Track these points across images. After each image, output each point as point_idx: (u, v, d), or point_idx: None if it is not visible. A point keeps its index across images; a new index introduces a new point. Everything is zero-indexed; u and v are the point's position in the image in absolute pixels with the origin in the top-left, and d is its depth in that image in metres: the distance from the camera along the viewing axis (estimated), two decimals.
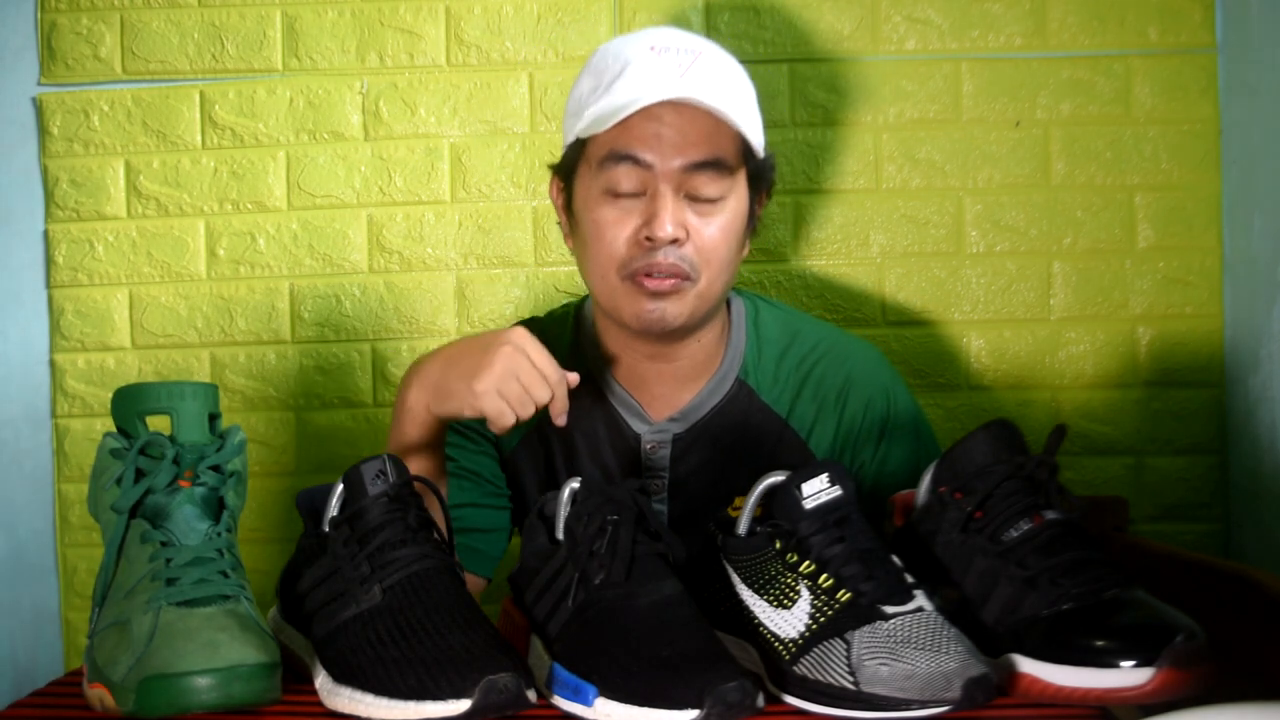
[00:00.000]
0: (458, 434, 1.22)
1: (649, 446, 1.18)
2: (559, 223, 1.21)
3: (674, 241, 1.07)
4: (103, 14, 1.60)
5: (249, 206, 1.60)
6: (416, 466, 1.09)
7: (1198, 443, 1.55)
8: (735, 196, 1.11)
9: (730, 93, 1.09)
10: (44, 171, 1.61)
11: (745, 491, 1.00)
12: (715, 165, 1.07)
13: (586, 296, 1.25)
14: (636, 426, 1.18)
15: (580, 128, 1.10)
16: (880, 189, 1.57)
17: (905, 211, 1.56)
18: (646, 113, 1.05)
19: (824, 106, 1.57)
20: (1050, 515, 0.83)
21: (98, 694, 0.79)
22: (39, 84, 1.61)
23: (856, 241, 1.57)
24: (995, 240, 1.56)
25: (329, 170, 1.59)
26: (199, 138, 1.60)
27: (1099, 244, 1.56)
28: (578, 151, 1.13)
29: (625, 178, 1.07)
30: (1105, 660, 0.73)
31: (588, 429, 1.19)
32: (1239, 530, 1.52)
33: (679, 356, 1.17)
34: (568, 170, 1.15)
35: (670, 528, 1.14)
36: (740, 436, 1.17)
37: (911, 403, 1.24)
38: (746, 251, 1.18)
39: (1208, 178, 1.55)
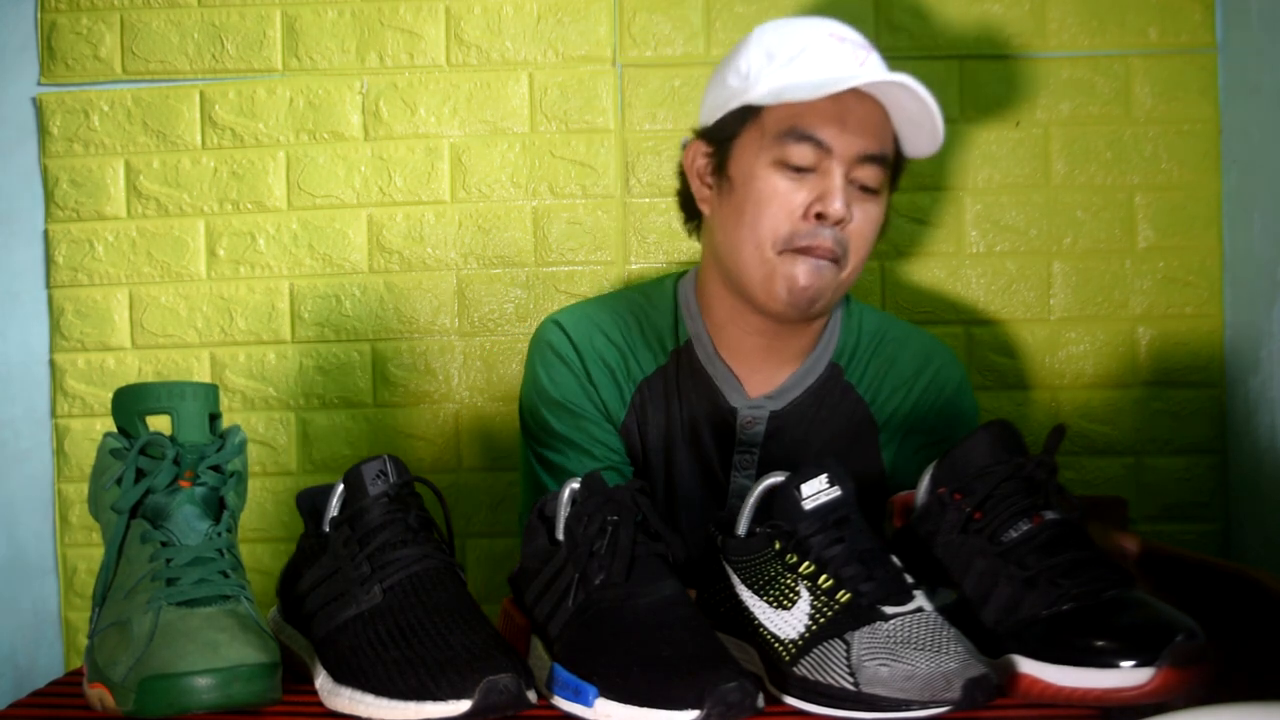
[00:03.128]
0: (575, 413, 1.20)
1: (745, 421, 1.19)
2: (683, 191, 1.22)
3: (838, 223, 1.10)
4: (103, 14, 1.60)
5: (249, 206, 1.60)
6: None
7: (1198, 443, 1.55)
8: (885, 193, 1.15)
9: (912, 91, 1.10)
10: (44, 171, 1.61)
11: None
12: (882, 160, 1.12)
13: (684, 271, 1.28)
14: (734, 400, 1.19)
15: (761, 94, 1.11)
16: None
17: (905, 212, 1.56)
18: (835, 97, 1.08)
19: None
20: (1050, 515, 0.83)
21: (98, 694, 0.79)
22: (39, 84, 1.61)
23: None
24: (995, 240, 1.56)
25: (329, 170, 1.59)
26: (199, 138, 1.60)
27: (1099, 244, 1.56)
28: (743, 119, 1.14)
29: (802, 154, 1.10)
30: (1106, 660, 0.73)
31: (687, 399, 1.21)
32: (1239, 530, 1.52)
33: (791, 337, 1.20)
34: (727, 136, 1.15)
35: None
36: (829, 417, 1.20)
37: (974, 404, 1.27)
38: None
39: (1208, 178, 1.55)
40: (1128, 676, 0.72)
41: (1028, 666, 0.77)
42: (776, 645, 0.80)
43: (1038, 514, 0.83)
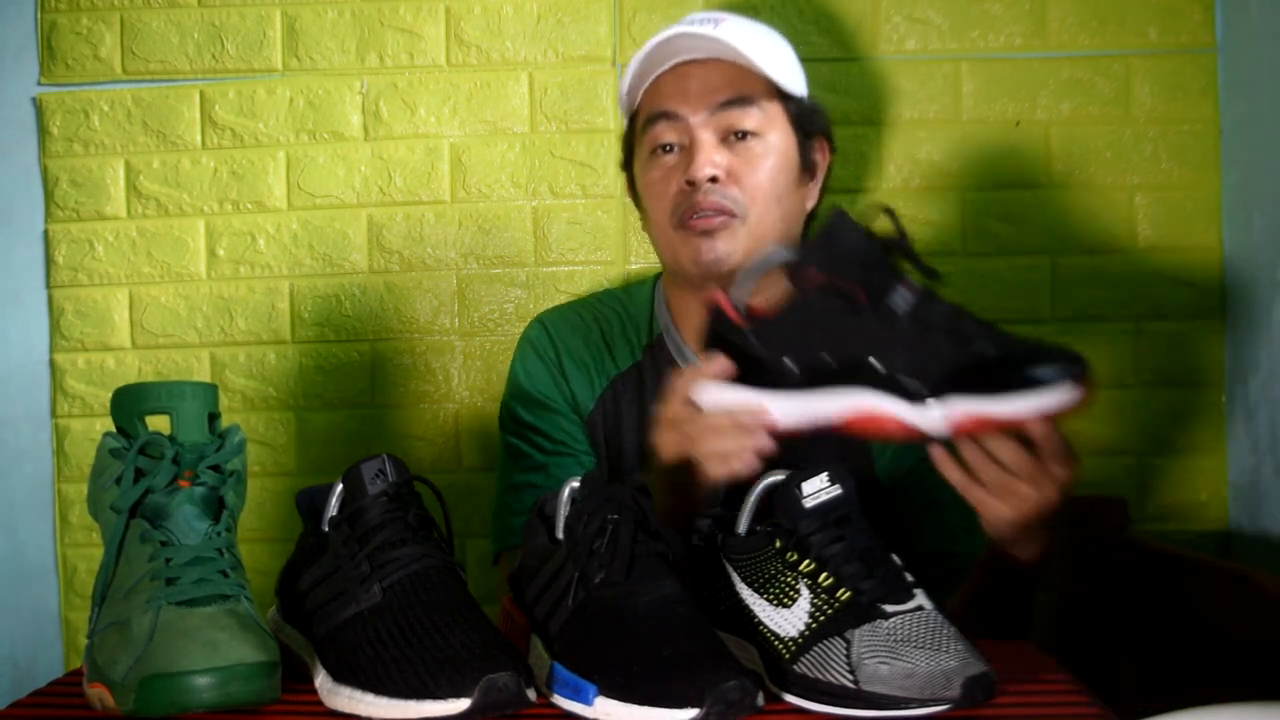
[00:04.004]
0: (544, 406, 1.25)
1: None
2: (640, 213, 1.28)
3: (714, 181, 1.13)
4: (103, 14, 1.60)
5: (249, 206, 1.60)
6: None
7: (1198, 443, 1.55)
8: (777, 134, 1.17)
9: (749, 39, 1.15)
10: (44, 171, 1.61)
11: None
12: (743, 101, 1.15)
13: (661, 273, 1.32)
14: None
15: (624, 106, 1.23)
16: (881, 189, 1.57)
17: (905, 211, 1.56)
18: (674, 71, 1.15)
19: (824, 106, 1.57)
20: (914, 285, 0.88)
21: (98, 694, 0.79)
22: (39, 84, 1.61)
23: None
24: (995, 240, 1.56)
25: (329, 170, 1.59)
26: (199, 138, 1.60)
27: (1099, 244, 1.56)
28: (631, 131, 1.23)
29: (664, 132, 1.17)
30: (1041, 383, 0.81)
31: (661, 392, 1.21)
32: (1239, 530, 1.52)
33: None
34: (629, 157, 1.25)
35: (723, 500, 1.17)
36: None
37: None
38: (815, 201, 1.24)
39: (1208, 178, 1.55)
40: (1064, 395, 0.81)
41: (972, 405, 0.81)
42: (776, 643, 0.80)
43: (906, 281, 0.89)
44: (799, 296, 0.91)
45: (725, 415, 0.94)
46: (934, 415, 0.84)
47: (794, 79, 1.20)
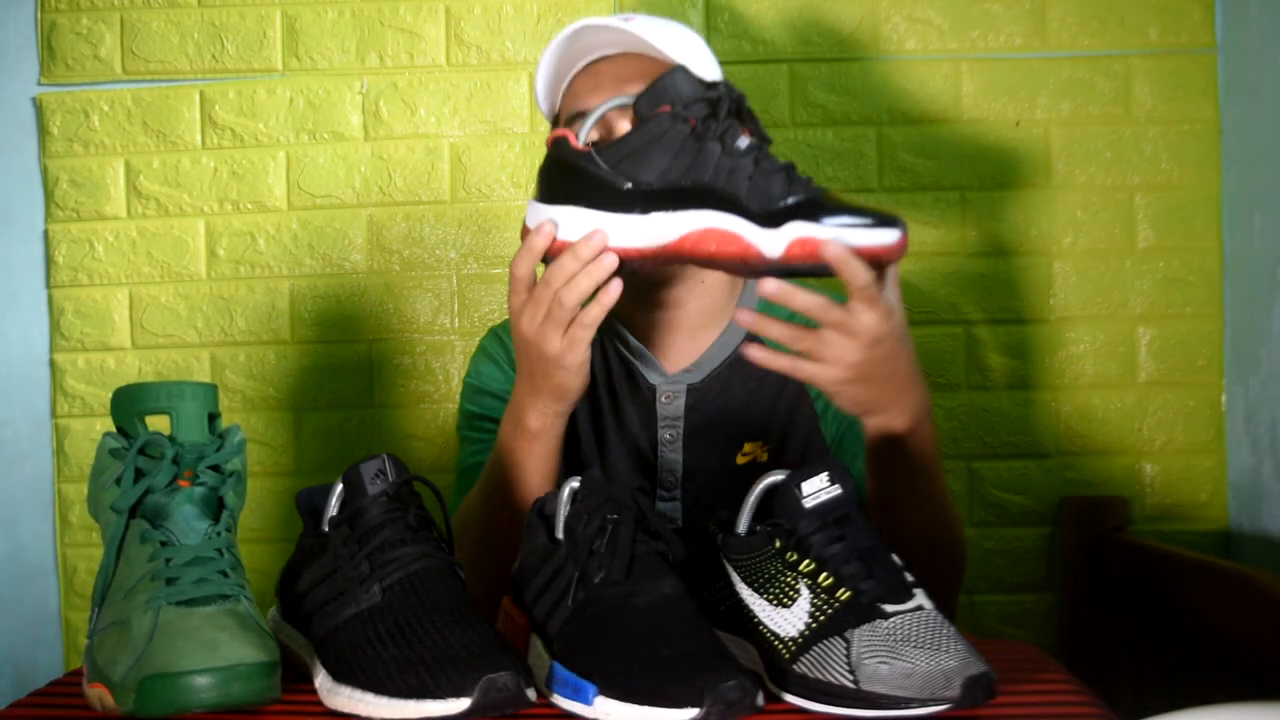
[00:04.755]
0: (492, 395, 1.25)
1: (664, 398, 1.20)
2: None
3: None
4: (103, 14, 1.60)
5: (249, 206, 1.60)
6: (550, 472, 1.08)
7: (1198, 443, 1.55)
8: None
9: (658, 32, 1.15)
10: (44, 171, 1.61)
11: (754, 439, 1.04)
12: None
13: None
14: (652, 378, 1.21)
15: (544, 109, 1.21)
16: (881, 189, 1.57)
17: (905, 211, 1.56)
18: (586, 70, 1.16)
19: (824, 106, 1.57)
20: (751, 135, 0.92)
21: (98, 694, 0.79)
22: (39, 84, 1.61)
23: None
24: (995, 240, 1.56)
25: (329, 170, 1.59)
26: (199, 138, 1.60)
27: (1099, 244, 1.56)
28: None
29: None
30: (865, 220, 0.87)
31: (608, 383, 1.23)
32: (1239, 530, 1.52)
33: (685, 302, 1.20)
34: None
35: (685, 480, 1.19)
36: (754, 385, 1.20)
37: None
38: None
39: (1208, 178, 1.55)
40: (885, 235, 0.86)
41: (807, 229, 0.87)
42: (776, 643, 0.80)
43: (743, 129, 0.92)
44: (644, 124, 0.93)
45: (569, 255, 0.93)
46: (773, 236, 0.89)
47: (707, 69, 1.19)
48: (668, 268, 1.16)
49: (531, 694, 0.75)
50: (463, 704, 0.73)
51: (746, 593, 0.83)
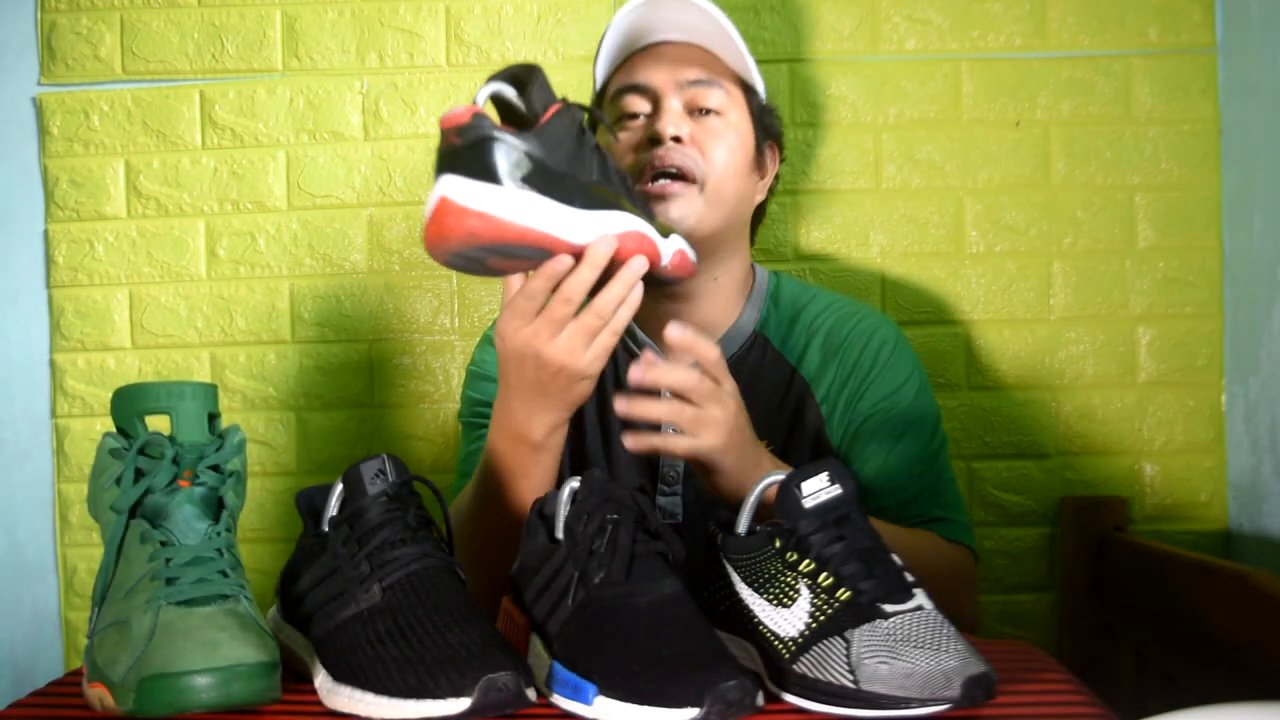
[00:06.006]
0: (490, 380, 1.25)
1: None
2: None
3: (676, 140, 1.16)
4: (103, 14, 1.60)
5: (249, 206, 1.60)
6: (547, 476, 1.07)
7: (1198, 443, 1.55)
8: (738, 115, 1.21)
9: (728, 24, 1.19)
10: (44, 171, 1.61)
11: (758, 438, 1.06)
12: (712, 82, 1.19)
13: None
14: None
15: (599, 80, 1.25)
16: (880, 189, 1.57)
17: (905, 211, 1.56)
18: (648, 47, 1.20)
19: (824, 106, 1.57)
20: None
21: (98, 694, 0.79)
22: (39, 84, 1.61)
23: (856, 241, 1.57)
24: (995, 240, 1.56)
25: (329, 170, 1.59)
26: (199, 138, 1.60)
27: (1099, 244, 1.56)
28: (599, 103, 1.26)
29: (633, 103, 1.20)
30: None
31: (615, 377, 1.23)
32: (1239, 530, 1.52)
33: (698, 295, 1.21)
34: (593, 127, 1.25)
35: (686, 476, 1.19)
36: (757, 385, 1.21)
37: (913, 359, 1.26)
38: (763, 198, 1.28)
39: (1208, 178, 1.55)
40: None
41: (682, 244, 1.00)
42: (776, 643, 0.80)
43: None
44: (560, 114, 0.92)
45: (586, 264, 0.92)
46: (668, 245, 0.97)
47: (756, 75, 1.24)
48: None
49: (531, 694, 0.76)
50: (463, 704, 0.73)
51: (746, 592, 0.83)
